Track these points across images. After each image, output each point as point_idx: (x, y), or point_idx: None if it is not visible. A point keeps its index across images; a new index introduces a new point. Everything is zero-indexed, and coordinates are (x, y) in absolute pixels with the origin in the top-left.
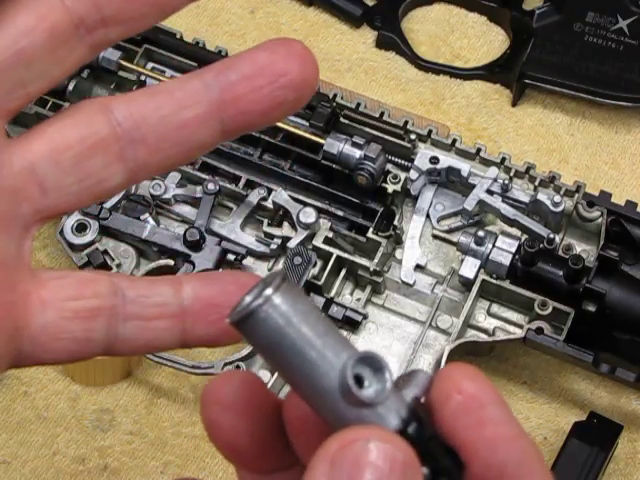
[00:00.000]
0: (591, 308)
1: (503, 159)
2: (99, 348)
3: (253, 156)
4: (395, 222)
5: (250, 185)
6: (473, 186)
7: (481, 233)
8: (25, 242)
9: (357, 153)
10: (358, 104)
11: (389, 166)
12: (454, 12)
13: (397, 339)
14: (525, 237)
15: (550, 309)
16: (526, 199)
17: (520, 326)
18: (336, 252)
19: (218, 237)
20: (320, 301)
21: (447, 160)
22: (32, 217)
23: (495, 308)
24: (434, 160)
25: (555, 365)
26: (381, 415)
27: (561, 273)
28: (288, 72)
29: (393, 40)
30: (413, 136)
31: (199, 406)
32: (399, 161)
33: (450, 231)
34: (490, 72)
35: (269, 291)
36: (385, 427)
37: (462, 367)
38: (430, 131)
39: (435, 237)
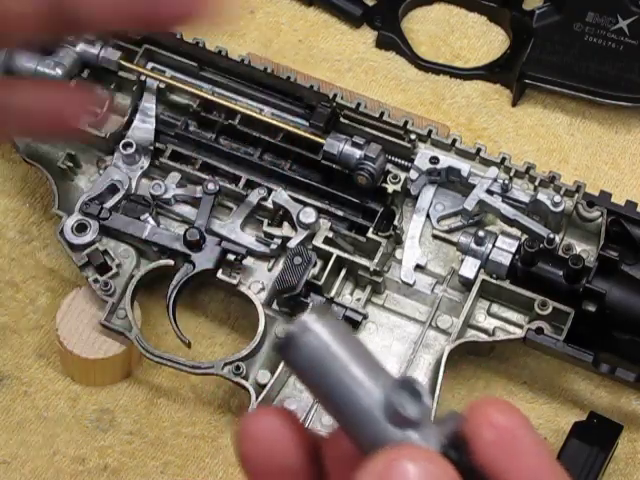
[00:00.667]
0: (591, 308)
1: (503, 159)
2: None
3: (253, 156)
4: (395, 222)
5: (250, 185)
6: (473, 186)
7: (481, 233)
8: None
9: (357, 153)
10: (358, 104)
11: (389, 166)
12: (454, 12)
13: (397, 339)
14: (525, 237)
15: (550, 309)
16: (526, 199)
17: (520, 326)
18: (336, 252)
19: (218, 237)
20: (320, 301)
21: (447, 160)
22: None
23: (495, 308)
24: (434, 160)
25: (555, 365)
26: (423, 437)
27: (561, 273)
28: None
29: (393, 40)
30: (413, 136)
31: (235, 432)
32: (399, 161)
33: (450, 231)
34: (490, 72)
35: (310, 319)
36: (432, 449)
37: (494, 400)
38: (430, 131)
39: (435, 237)
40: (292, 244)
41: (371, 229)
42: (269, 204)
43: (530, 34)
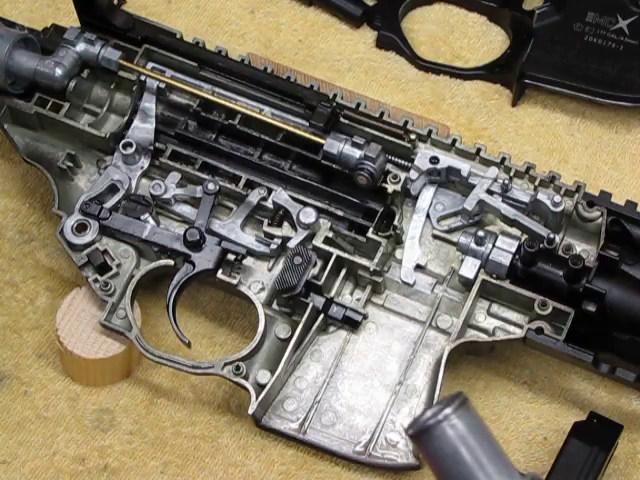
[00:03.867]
0: (591, 308)
1: (503, 159)
2: None
3: (253, 156)
4: (395, 222)
5: (250, 185)
6: (473, 186)
7: (481, 233)
8: None
9: (357, 153)
10: (358, 104)
11: (389, 166)
12: (454, 12)
13: (397, 339)
14: (525, 237)
15: (550, 309)
16: (526, 199)
17: (520, 326)
18: (336, 252)
19: (218, 237)
20: (320, 301)
21: (447, 160)
22: None
23: (495, 308)
24: (434, 160)
25: (555, 365)
26: None
27: (561, 273)
28: None
29: (393, 40)
30: (413, 136)
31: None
32: (399, 161)
33: (450, 231)
34: (490, 72)
35: (448, 410)
36: None
37: None
38: (430, 131)
39: (435, 237)
40: (292, 244)
41: (371, 229)
42: (269, 204)
43: (530, 34)
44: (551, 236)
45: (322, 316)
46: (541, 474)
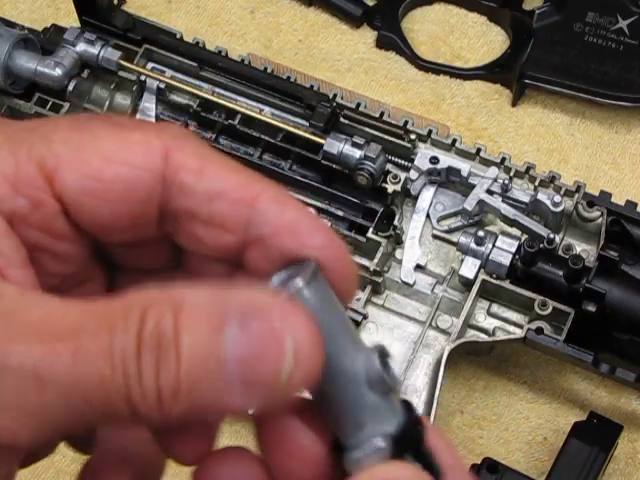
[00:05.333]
0: (591, 308)
1: (503, 159)
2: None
3: (253, 156)
4: (395, 222)
5: None
6: (473, 186)
7: (481, 233)
8: None
9: (357, 153)
10: (358, 104)
11: (389, 166)
12: (454, 12)
13: (397, 339)
14: (525, 237)
15: (550, 309)
16: (526, 199)
17: (520, 326)
18: None
19: None
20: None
21: (447, 160)
22: None
23: (495, 308)
24: (434, 160)
25: (555, 365)
26: (393, 401)
27: (561, 273)
28: None
29: (393, 40)
30: (413, 136)
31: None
32: (399, 161)
33: (450, 231)
34: (490, 72)
35: (300, 283)
36: (413, 467)
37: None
38: (430, 131)
39: (435, 237)
40: None
41: (371, 229)
42: None
43: (530, 34)
44: (551, 236)
45: None
46: (541, 474)
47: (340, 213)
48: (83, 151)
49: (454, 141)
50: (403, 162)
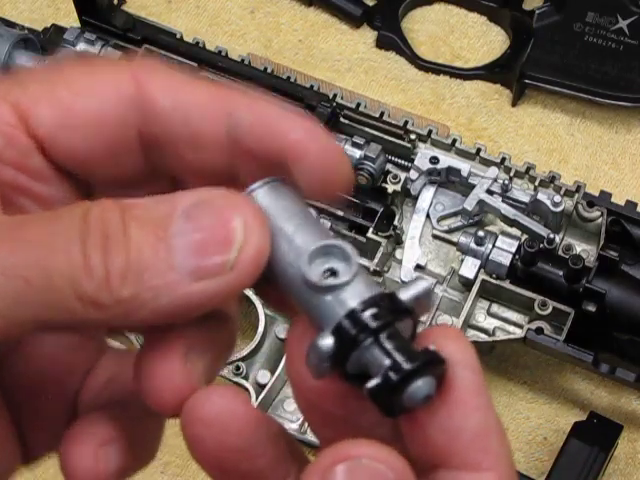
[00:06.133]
0: (591, 308)
1: (503, 159)
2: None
3: None
4: (395, 222)
5: None
6: (473, 186)
7: (481, 233)
8: None
9: (357, 153)
10: (358, 104)
11: (389, 166)
12: (454, 12)
13: None
14: (525, 237)
15: (550, 309)
16: (526, 199)
17: (520, 326)
18: None
19: None
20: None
21: (447, 160)
22: None
23: (495, 308)
24: (434, 160)
25: (555, 365)
26: (341, 300)
27: (561, 273)
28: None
29: (393, 40)
30: (413, 136)
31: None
32: (399, 161)
33: (450, 231)
34: (490, 72)
35: (254, 186)
36: (379, 443)
37: (445, 328)
38: (430, 131)
39: (435, 237)
40: None
41: (371, 229)
42: None
43: (530, 34)
44: (551, 236)
45: None
46: (541, 474)
47: (340, 213)
48: (55, 89)
49: (454, 141)
50: (403, 162)
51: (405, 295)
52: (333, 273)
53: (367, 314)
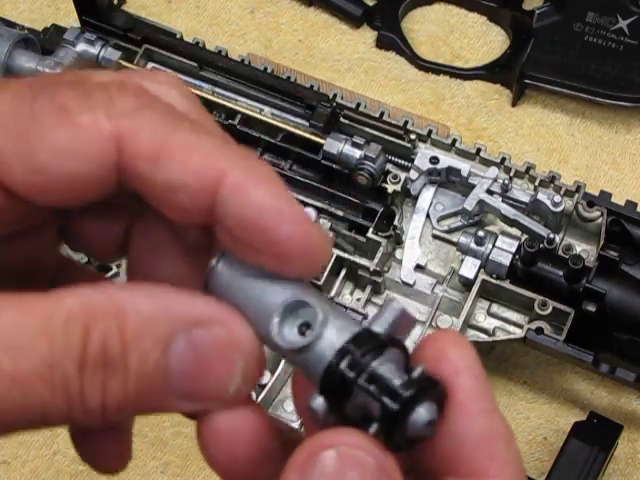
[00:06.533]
0: (591, 308)
1: (503, 159)
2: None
3: None
4: (395, 222)
5: None
6: (473, 186)
7: (481, 233)
8: None
9: (357, 153)
10: (358, 104)
11: (389, 166)
12: (454, 12)
13: None
14: (525, 237)
15: (550, 309)
16: (526, 199)
17: (520, 326)
18: (336, 252)
19: None
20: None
21: (447, 160)
22: None
23: (495, 308)
24: (434, 160)
25: (555, 365)
26: (319, 355)
27: (561, 273)
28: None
29: (393, 40)
30: (413, 136)
31: (199, 440)
32: (399, 161)
33: (450, 231)
34: (490, 72)
35: (214, 262)
36: (355, 431)
37: (446, 334)
38: (430, 131)
39: (435, 237)
40: None
41: (371, 229)
42: None
43: (530, 34)
44: (551, 236)
45: None
46: (541, 474)
47: (340, 213)
48: (28, 142)
49: (454, 141)
50: (403, 162)
51: (380, 326)
52: (308, 326)
53: (343, 365)
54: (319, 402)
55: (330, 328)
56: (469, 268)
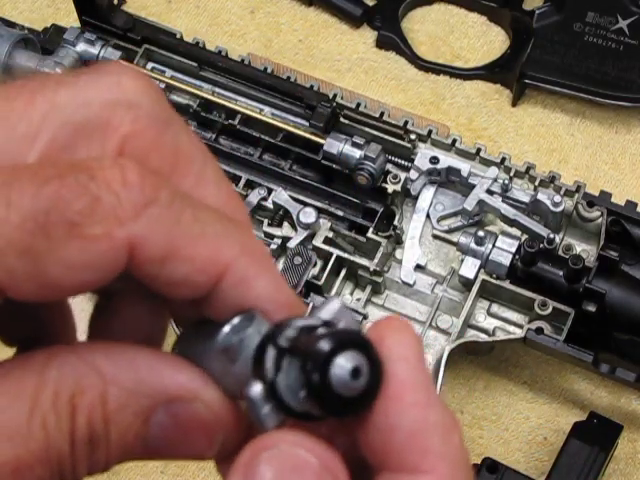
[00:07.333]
0: (591, 308)
1: (503, 159)
2: None
3: (253, 156)
4: (395, 222)
5: (250, 185)
6: (473, 186)
7: (481, 233)
8: None
9: (357, 153)
10: (358, 104)
11: (389, 166)
12: (454, 12)
13: None
14: (525, 237)
15: (550, 309)
16: (526, 199)
17: (520, 326)
18: (336, 252)
19: None
20: (320, 301)
21: (447, 160)
22: None
23: (495, 308)
24: (434, 160)
25: (555, 365)
26: (246, 345)
27: (561, 273)
28: None
29: (393, 40)
30: (413, 136)
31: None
32: (399, 161)
33: (450, 231)
34: (490, 72)
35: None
36: (298, 430)
37: (389, 320)
38: (430, 131)
39: (435, 237)
40: (292, 244)
41: (371, 229)
42: (269, 204)
43: (530, 34)
44: (551, 236)
45: None
46: (541, 474)
47: (340, 213)
48: (38, 258)
49: (454, 141)
50: (403, 162)
51: (320, 319)
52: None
53: (270, 342)
54: (255, 389)
55: (259, 325)
56: (469, 268)
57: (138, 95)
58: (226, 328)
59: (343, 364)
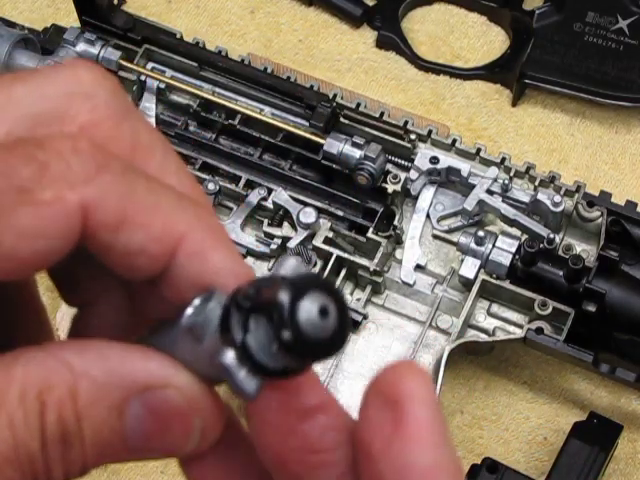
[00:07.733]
0: (591, 308)
1: (503, 159)
2: None
3: (253, 156)
4: (395, 222)
5: (250, 185)
6: (473, 186)
7: (481, 233)
8: None
9: (357, 153)
10: (358, 104)
11: (389, 166)
12: (454, 12)
13: (397, 339)
14: (525, 237)
15: (550, 309)
16: (526, 199)
17: (520, 326)
18: (336, 252)
19: None
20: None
21: (447, 160)
22: None
23: (495, 308)
24: (434, 160)
25: (555, 365)
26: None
27: (561, 273)
28: None
29: (393, 40)
30: (413, 136)
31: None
32: (399, 161)
33: (450, 231)
34: (490, 72)
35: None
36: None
37: (402, 363)
38: (430, 131)
39: (435, 237)
40: (292, 244)
41: (371, 229)
42: (269, 204)
43: (530, 34)
44: (551, 236)
45: None
46: (541, 474)
47: (340, 213)
48: None
49: (454, 141)
50: (403, 162)
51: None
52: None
53: (233, 302)
54: (227, 355)
55: (219, 298)
56: (469, 268)
57: (95, 87)
58: (188, 310)
59: (309, 307)
